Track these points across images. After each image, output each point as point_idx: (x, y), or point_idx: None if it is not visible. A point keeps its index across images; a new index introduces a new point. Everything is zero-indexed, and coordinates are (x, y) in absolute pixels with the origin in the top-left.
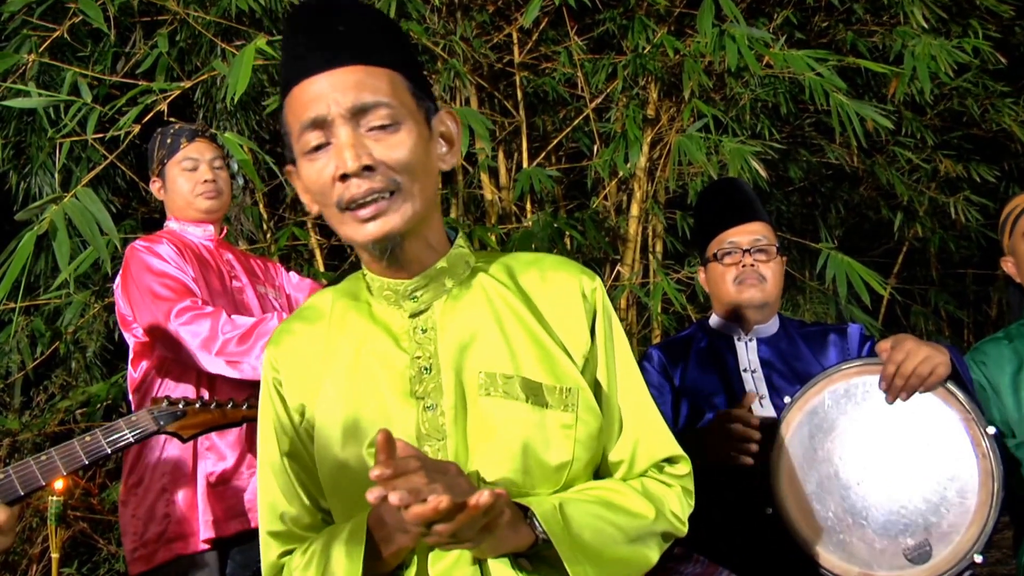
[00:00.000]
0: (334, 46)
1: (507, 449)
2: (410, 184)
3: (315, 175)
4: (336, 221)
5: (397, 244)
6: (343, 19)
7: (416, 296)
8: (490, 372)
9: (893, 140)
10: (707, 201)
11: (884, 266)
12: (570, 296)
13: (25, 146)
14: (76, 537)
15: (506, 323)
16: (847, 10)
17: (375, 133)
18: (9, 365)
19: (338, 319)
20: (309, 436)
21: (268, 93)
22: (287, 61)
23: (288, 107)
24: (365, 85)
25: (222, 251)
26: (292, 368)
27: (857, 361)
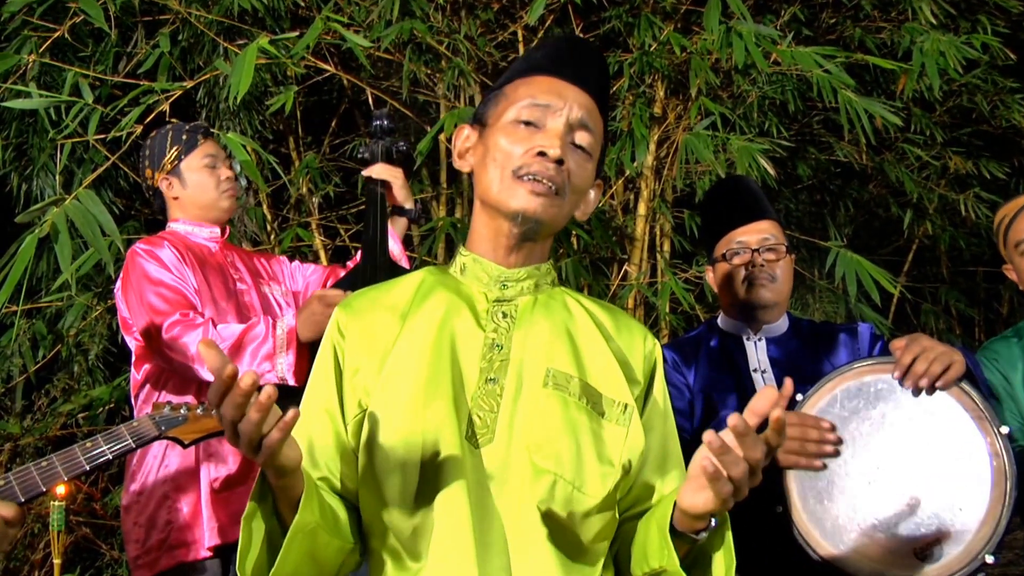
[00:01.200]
0: (588, 76)
1: (563, 441)
2: (569, 199)
3: (511, 141)
4: (498, 183)
5: (532, 230)
6: (598, 65)
7: (506, 286)
8: (556, 369)
9: (902, 137)
10: (714, 200)
11: (894, 264)
12: (635, 342)
13: (26, 147)
14: (79, 543)
15: (577, 335)
16: (855, 6)
17: (576, 149)
18: (11, 369)
19: (424, 292)
20: (363, 393)
21: (271, 93)
22: (546, 54)
23: (526, 82)
24: (592, 114)
25: (226, 252)
26: (359, 332)
27: (869, 360)
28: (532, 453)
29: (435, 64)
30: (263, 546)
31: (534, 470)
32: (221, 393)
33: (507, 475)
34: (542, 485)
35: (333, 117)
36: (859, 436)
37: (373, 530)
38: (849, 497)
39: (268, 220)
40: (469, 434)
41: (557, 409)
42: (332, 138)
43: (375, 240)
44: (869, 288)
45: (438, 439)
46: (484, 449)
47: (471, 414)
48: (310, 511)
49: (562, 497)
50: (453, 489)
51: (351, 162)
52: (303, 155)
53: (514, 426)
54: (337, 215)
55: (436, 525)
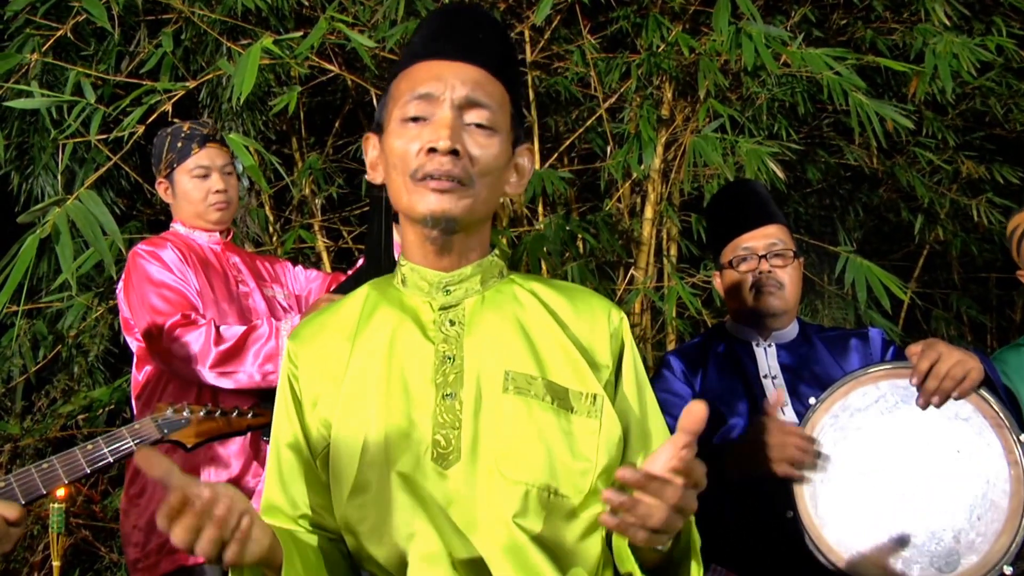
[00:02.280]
0: (469, 45)
1: (531, 447)
2: (480, 185)
3: (403, 142)
4: (403, 190)
5: (450, 228)
6: (483, 29)
7: (449, 290)
8: (515, 371)
9: (913, 141)
10: (720, 205)
11: (904, 270)
12: (596, 321)
13: (27, 146)
14: (78, 545)
15: (533, 330)
16: (866, 7)
17: (472, 129)
18: (11, 369)
19: (369, 310)
20: (323, 426)
21: (275, 93)
22: (421, 38)
23: (405, 75)
24: (483, 86)
25: (228, 254)
26: (311, 360)
27: (885, 364)
28: (499, 464)
29: None
30: None
31: (504, 482)
32: (177, 508)
33: (478, 493)
34: (515, 497)
35: (337, 118)
36: (874, 441)
37: (360, 556)
38: (863, 504)
39: (270, 221)
40: (434, 456)
41: (521, 414)
42: (335, 139)
43: (379, 242)
44: (879, 294)
45: (403, 468)
46: (451, 470)
47: (433, 435)
48: (293, 571)
49: (537, 505)
50: (425, 516)
51: (354, 163)
52: (306, 156)
53: (478, 440)
54: (340, 217)
55: (412, 556)
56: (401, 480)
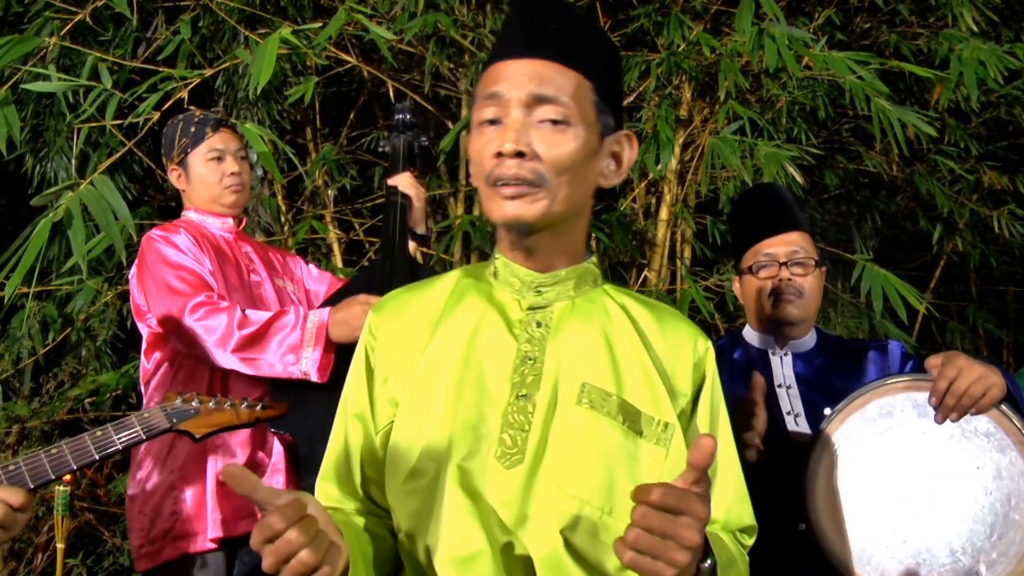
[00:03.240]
0: (539, 39)
1: (593, 464)
2: (556, 183)
3: (478, 146)
4: (483, 195)
5: (526, 232)
6: (557, 19)
7: (540, 291)
8: (592, 385)
9: (935, 149)
10: (742, 208)
11: (920, 280)
12: (681, 347)
13: (42, 129)
14: (81, 528)
15: (618, 346)
16: (891, 11)
17: (544, 126)
18: (20, 350)
19: (457, 296)
20: (390, 403)
21: (291, 83)
22: (499, 38)
23: (482, 79)
24: (550, 80)
25: (241, 243)
26: (390, 336)
27: (905, 376)
28: (560, 476)
29: (458, 59)
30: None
31: (560, 494)
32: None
33: (533, 499)
34: (568, 511)
35: (352, 109)
36: (892, 455)
37: (400, 539)
38: (878, 518)
39: (282, 211)
40: (499, 453)
41: (590, 429)
42: (350, 130)
43: (394, 236)
44: (896, 304)
45: (464, 461)
46: (512, 471)
47: (500, 432)
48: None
49: (589, 524)
50: (473, 515)
51: (368, 155)
52: (320, 146)
53: (544, 447)
54: (352, 208)
55: (454, 549)
56: (459, 472)
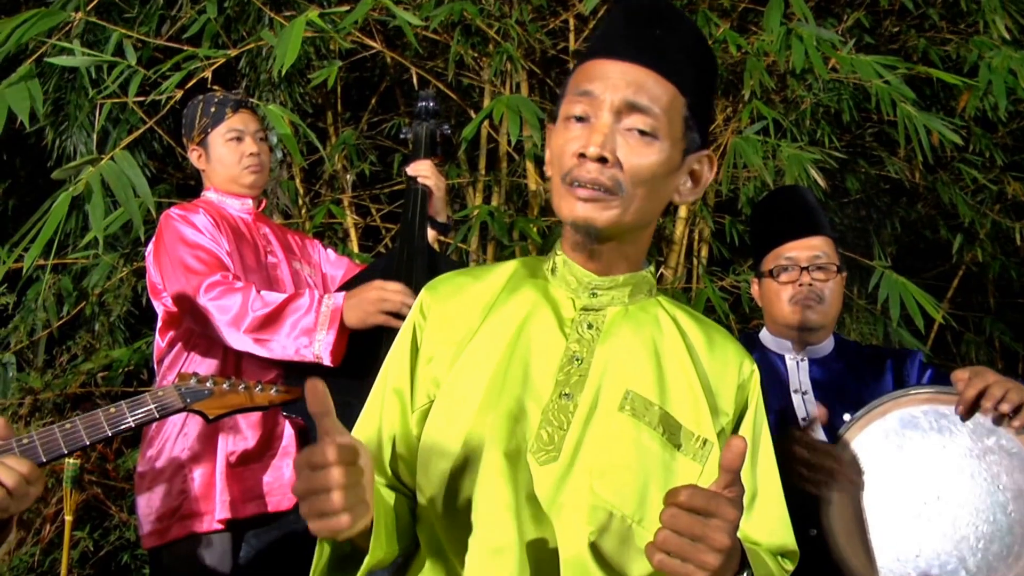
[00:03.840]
0: (643, 45)
1: (629, 473)
2: (632, 194)
3: (562, 141)
4: (556, 190)
5: (594, 237)
6: (665, 26)
7: (596, 294)
8: (636, 392)
9: (959, 157)
10: (766, 210)
11: (937, 289)
12: (729, 367)
13: (64, 103)
14: (89, 501)
15: (665, 357)
16: (921, 15)
17: (632, 134)
18: (35, 322)
19: (512, 286)
20: (432, 383)
21: (314, 66)
22: (602, 34)
23: (578, 71)
24: (646, 90)
25: (259, 224)
26: (440, 317)
27: (928, 388)
28: (594, 480)
29: (483, 48)
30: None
31: (592, 498)
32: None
33: (564, 499)
34: (598, 516)
35: (373, 94)
36: (911, 465)
37: (422, 520)
38: (892, 528)
39: (300, 194)
40: (534, 449)
41: (629, 436)
42: (371, 115)
43: (413, 224)
44: (913, 313)
45: (498, 450)
46: (546, 467)
47: (539, 428)
48: (379, 547)
49: (618, 531)
50: (504, 505)
51: (388, 141)
52: (340, 131)
53: (581, 448)
54: (370, 194)
55: (480, 540)
56: (494, 462)
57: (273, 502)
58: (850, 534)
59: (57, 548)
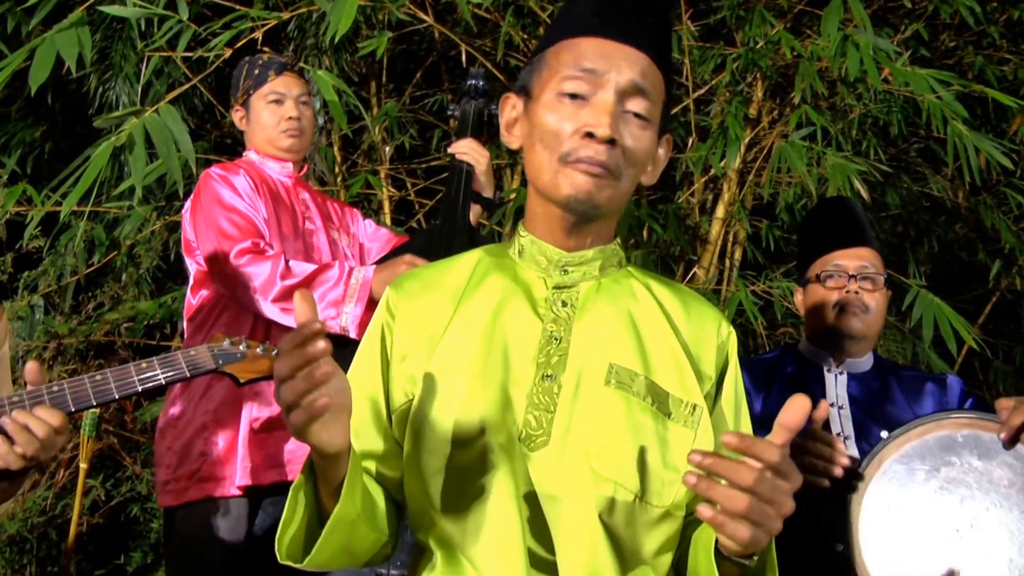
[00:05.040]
0: (639, 29)
1: (625, 447)
2: (627, 176)
3: (557, 119)
4: (547, 167)
5: (588, 215)
6: (652, 13)
7: (567, 270)
8: (619, 365)
9: (1005, 181)
10: (816, 218)
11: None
12: (707, 330)
13: (109, 52)
14: (104, 451)
15: (644, 327)
16: (980, 32)
17: (630, 117)
18: (64, 268)
19: (479, 276)
20: (408, 382)
21: (362, 35)
22: (590, 10)
23: (570, 47)
24: (647, 75)
25: (298, 190)
26: (410, 314)
27: (971, 413)
28: (591, 458)
29: (533, 30)
30: (302, 525)
31: (594, 477)
32: (294, 345)
33: (563, 482)
34: (602, 494)
35: (419, 68)
36: (948, 488)
37: (421, 523)
38: (922, 552)
39: (338, 162)
40: (523, 436)
41: (620, 410)
42: (415, 89)
43: (456, 202)
44: (946, 335)
45: (488, 440)
46: (537, 453)
47: (526, 414)
48: (352, 502)
49: (624, 507)
50: (503, 496)
51: (430, 116)
52: (383, 102)
53: (571, 428)
54: (407, 168)
55: (484, 534)
56: (486, 455)
57: (294, 471)
58: (876, 554)
59: (70, 494)
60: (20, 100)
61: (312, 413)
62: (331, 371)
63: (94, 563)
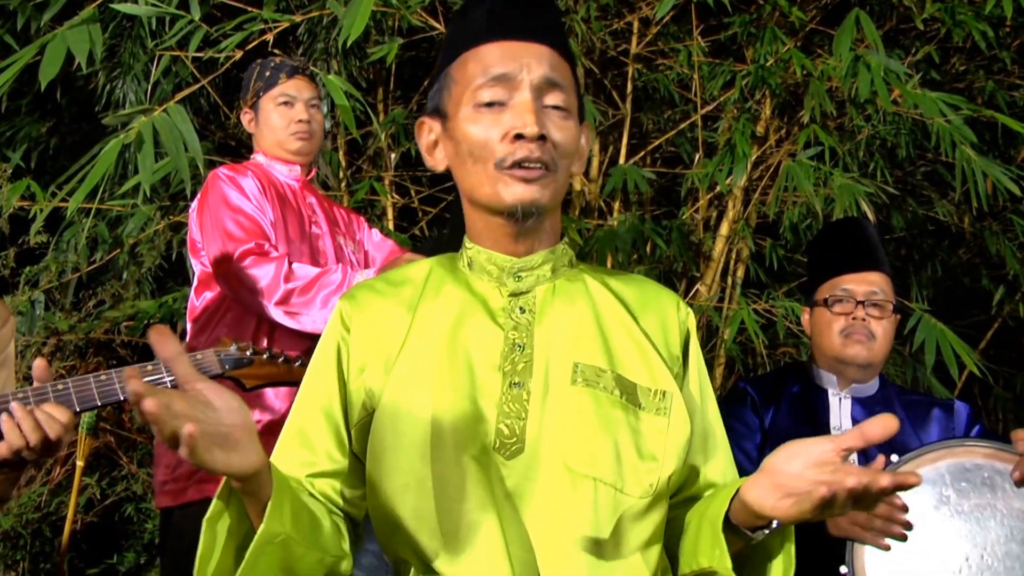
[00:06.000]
0: (539, 24)
1: (598, 441)
2: (562, 168)
3: (481, 129)
4: (484, 178)
5: (536, 216)
6: (545, 6)
7: (521, 276)
8: (584, 363)
9: (1011, 207)
10: (826, 239)
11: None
12: (666, 313)
13: (118, 50)
14: (100, 449)
15: (605, 321)
16: (992, 57)
17: (550, 112)
18: (66, 264)
19: (434, 287)
20: (367, 395)
21: (375, 41)
22: (484, 17)
23: (470, 58)
24: (557, 67)
25: (306, 193)
26: (364, 325)
27: (986, 442)
28: (566, 458)
29: None
30: (228, 554)
31: (571, 475)
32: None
33: (540, 485)
34: (583, 492)
35: (427, 75)
36: (954, 518)
37: (391, 540)
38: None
39: (342, 167)
40: (497, 445)
41: (589, 407)
42: (422, 96)
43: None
44: (948, 361)
45: (461, 452)
46: (513, 461)
47: (497, 423)
48: (278, 520)
49: (605, 501)
50: (481, 506)
51: None
52: (390, 108)
53: (543, 432)
54: (412, 175)
55: (466, 546)
56: (460, 467)
57: None
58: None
59: (65, 491)
60: (28, 95)
61: (188, 443)
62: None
63: (87, 562)
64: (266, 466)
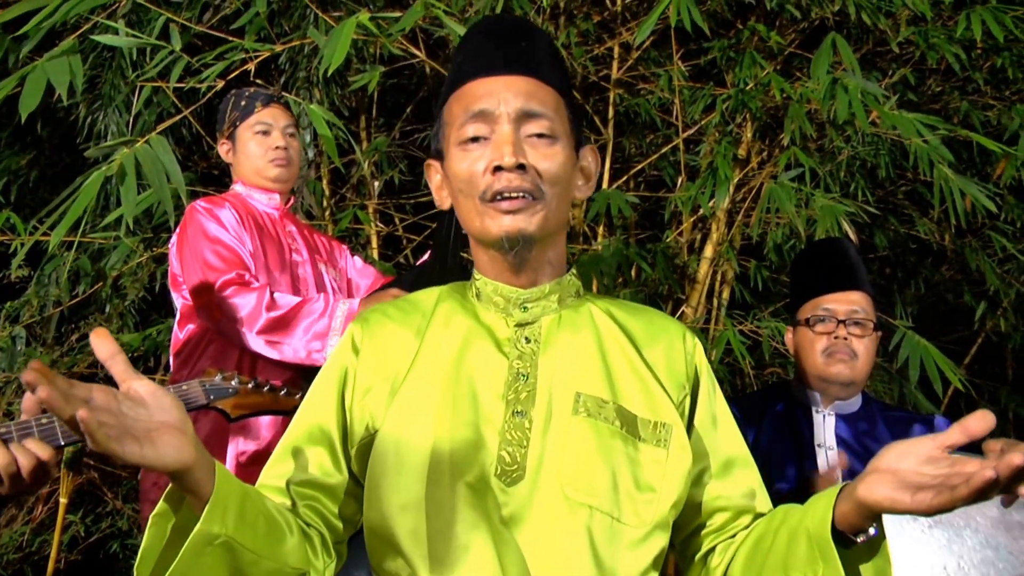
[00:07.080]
0: (513, 56)
1: (596, 471)
2: (551, 196)
3: (467, 165)
4: (474, 213)
5: (526, 246)
6: (525, 37)
7: (527, 307)
8: (586, 394)
9: (990, 224)
10: (808, 259)
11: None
12: (673, 345)
13: (99, 82)
14: (83, 486)
15: (609, 352)
16: (966, 78)
17: (533, 140)
18: (47, 298)
19: (443, 315)
20: (370, 417)
21: (354, 69)
22: (465, 59)
23: (457, 99)
24: (535, 95)
25: (285, 222)
26: (374, 349)
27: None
28: (564, 486)
29: None
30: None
31: (568, 504)
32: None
33: (538, 513)
34: (579, 519)
35: (409, 103)
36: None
37: (384, 557)
38: None
39: (326, 196)
40: (499, 472)
41: (589, 437)
42: (404, 124)
43: (447, 240)
44: (932, 377)
45: (462, 477)
46: (514, 488)
47: (499, 451)
48: (218, 521)
49: (602, 530)
50: (479, 530)
51: (420, 151)
52: (372, 136)
53: (544, 460)
54: (395, 203)
55: (461, 569)
56: (460, 492)
57: None
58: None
59: (48, 530)
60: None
61: (85, 428)
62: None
63: None
64: (204, 468)
